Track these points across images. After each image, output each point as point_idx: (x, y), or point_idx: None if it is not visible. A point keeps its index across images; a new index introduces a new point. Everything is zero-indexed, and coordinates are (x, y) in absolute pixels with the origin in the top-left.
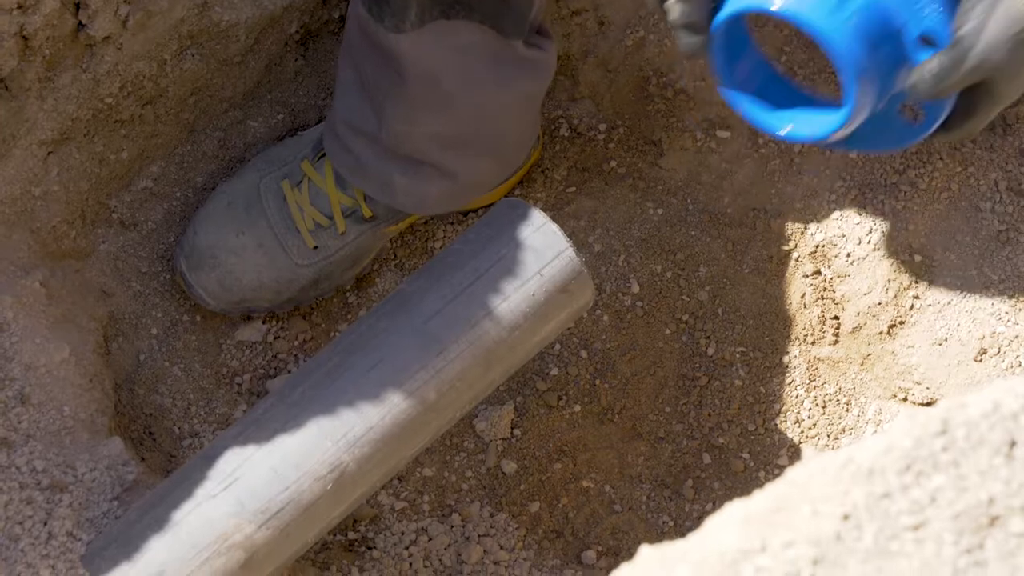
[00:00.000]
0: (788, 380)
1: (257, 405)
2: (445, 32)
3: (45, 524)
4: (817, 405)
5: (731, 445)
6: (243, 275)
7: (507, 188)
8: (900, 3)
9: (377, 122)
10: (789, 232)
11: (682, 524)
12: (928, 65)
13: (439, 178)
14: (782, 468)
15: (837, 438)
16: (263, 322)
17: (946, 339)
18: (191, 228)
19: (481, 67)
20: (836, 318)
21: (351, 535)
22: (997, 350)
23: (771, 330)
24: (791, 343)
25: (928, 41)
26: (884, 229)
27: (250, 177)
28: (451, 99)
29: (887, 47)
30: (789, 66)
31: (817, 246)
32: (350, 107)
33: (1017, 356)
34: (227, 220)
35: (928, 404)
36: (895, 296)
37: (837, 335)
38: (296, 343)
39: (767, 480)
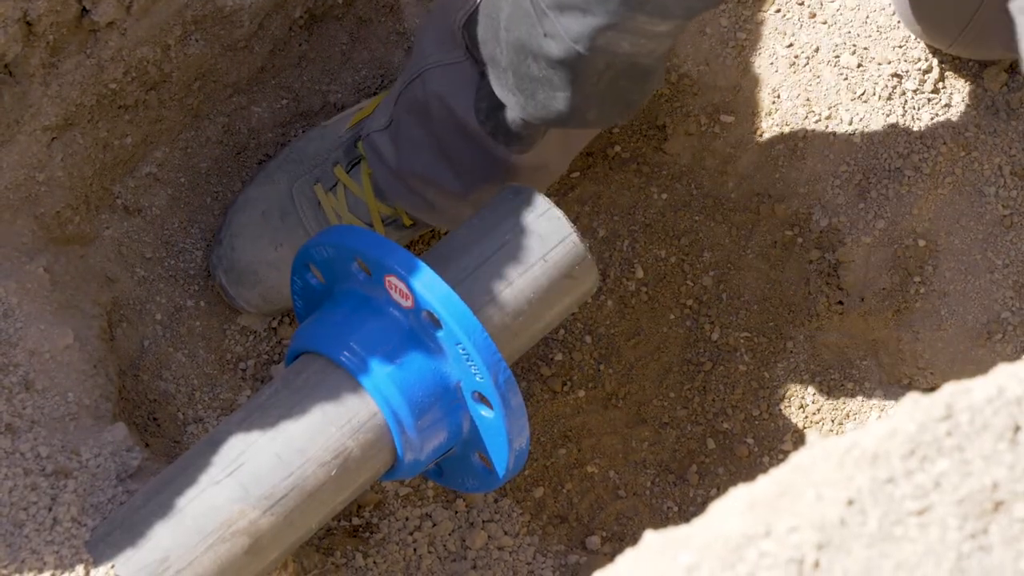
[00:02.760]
0: (792, 365)
1: (261, 391)
2: (557, 130)
3: (50, 510)
4: (821, 390)
5: (735, 430)
6: (284, 288)
7: None
8: (453, 361)
9: (463, 187)
10: (793, 217)
11: (686, 509)
12: None
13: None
14: (786, 453)
15: (841, 423)
16: None
17: (950, 324)
18: (227, 241)
19: (579, 139)
20: (840, 303)
21: (355, 521)
22: (1001, 335)
23: (775, 315)
24: (795, 328)
25: (481, 398)
26: (888, 214)
27: (280, 181)
28: (549, 170)
29: (447, 396)
30: (793, 51)
31: (821, 231)
32: (425, 164)
33: (1022, 341)
34: (263, 232)
35: (932, 389)
36: (899, 281)
37: (841, 320)
38: None
39: (771, 465)
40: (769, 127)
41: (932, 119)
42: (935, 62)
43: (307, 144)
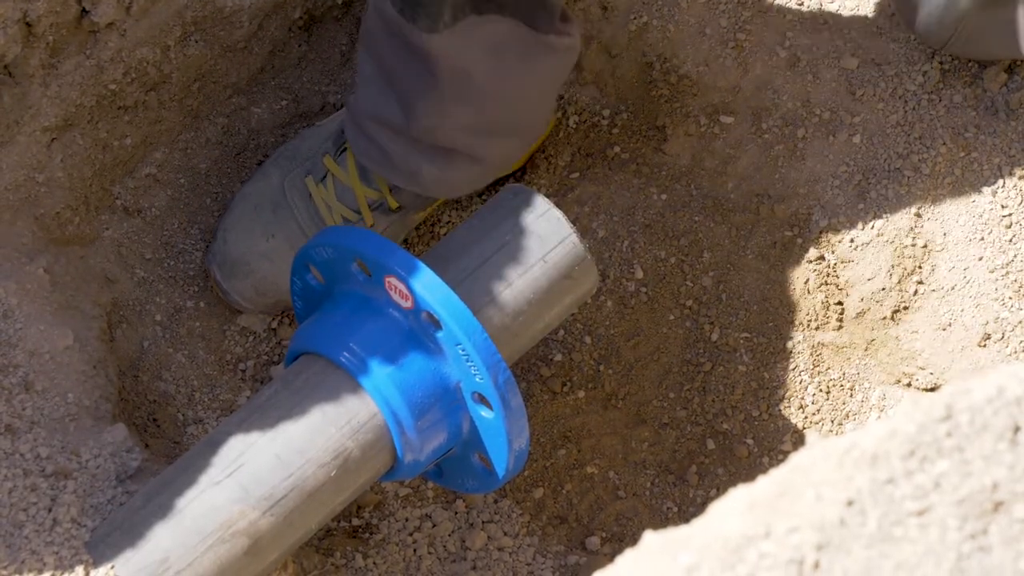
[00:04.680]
0: (792, 366)
1: (261, 391)
2: (476, 28)
3: (49, 511)
4: (821, 391)
5: (735, 431)
6: (277, 279)
7: (524, 159)
8: (453, 362)
9: (404, 116)
10: (793, 218)
11: (686, 510)
12: None
13: (468, 163)
14: (786, 454)
15: (841, 424)
16: None
17: (950, 324)
18: (220, 235)
19: (512, 60)
20: (840, 303)
21: (355, 521)
22: (1001, 335)
23: (775, 316)
24: (795, 329)
25: (481, 398)
26: (887, 214)
27: (273, 176)
28: (483, 92)
29: (447, 397)
30: (793, 51)
31: (820, 231)
32: (374, 101)
33: (1021, 341)
34: (255, 224)
35: (932, 389)
36: (899, 281)
37: (841, 321)
38: None
39: (771, 466)
40: (769, 128)
41: (932, 119)
42: (935, 62)
43: (301, 142)
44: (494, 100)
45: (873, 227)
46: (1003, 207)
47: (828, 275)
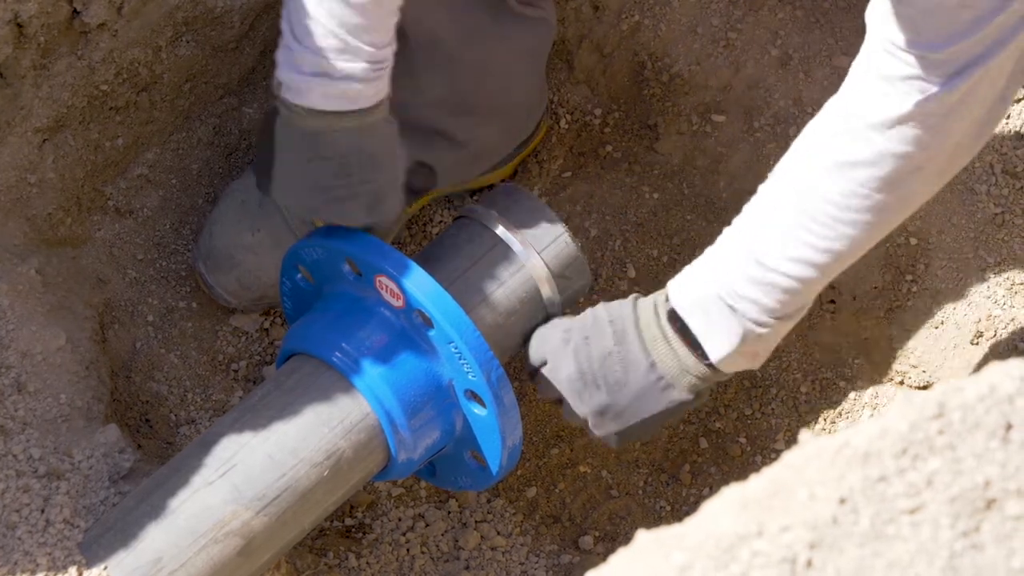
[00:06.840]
0: (785, 364)
1: (253, 392)
2: None
3: (42, 512)
4: (814, 389)
5: (728, 429)
6: (262, 273)
7: (517, 161)
8: (446, 360)
9: None
10: None
11: (679, 509)
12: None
13: (448, 149)
14: (779, 452)
15: (834, 422)
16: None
17: (942, 322)
18: (207, 229)
19: (480, 22)
20: (832, 302)
21: (348, 521)
22: (993, 333)
23: None
24: None
25: (474, 395)
26: None
27: None
28: (453, 58)
29: (440, 395)
30: (784, 49)
31: None
32: None
33: (1013, 338)
34: (241, 218)
35: (924, 387)
36: (891, 280)
37: (834, 319)
38: None
39: (764, 464)
40: (760, 126)
41: None
42: None
43: None
44: (466, 69)
45: None
46: (995, 205)
47: None
